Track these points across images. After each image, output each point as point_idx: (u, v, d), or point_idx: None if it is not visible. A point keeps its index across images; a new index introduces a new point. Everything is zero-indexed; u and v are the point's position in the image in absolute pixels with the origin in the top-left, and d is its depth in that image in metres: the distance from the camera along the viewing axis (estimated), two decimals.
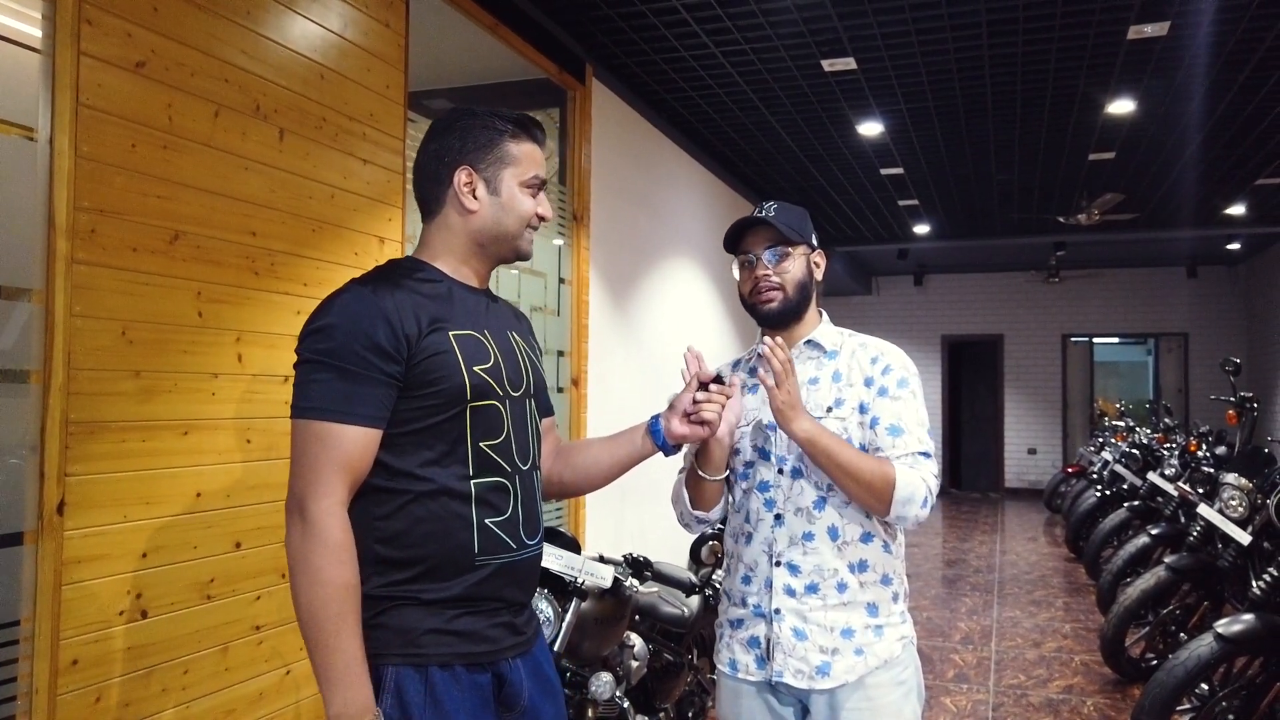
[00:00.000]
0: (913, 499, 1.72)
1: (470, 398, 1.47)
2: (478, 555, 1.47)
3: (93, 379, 1.97)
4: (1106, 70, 4.87)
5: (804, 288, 1.88)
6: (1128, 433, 8.61)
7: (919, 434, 1.80)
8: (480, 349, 1.52)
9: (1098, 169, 6.99)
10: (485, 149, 1.56)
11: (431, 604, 1.44)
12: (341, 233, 2.72)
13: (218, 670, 2.29)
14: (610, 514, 4.70)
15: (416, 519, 1.44)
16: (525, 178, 1.57)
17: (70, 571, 1.92)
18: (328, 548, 1.35)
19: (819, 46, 4.55)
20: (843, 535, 1.79)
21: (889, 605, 1.82)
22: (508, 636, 1.52)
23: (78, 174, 1.93)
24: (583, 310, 4.46)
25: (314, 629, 1.34)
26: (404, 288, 1.48)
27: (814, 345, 1.91)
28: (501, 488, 1.51)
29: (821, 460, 1.72)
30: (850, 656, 1.77)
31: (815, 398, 1.85)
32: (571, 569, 2.18)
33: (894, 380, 1.84)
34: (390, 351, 1.41)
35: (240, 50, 2.36)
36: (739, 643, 1.87)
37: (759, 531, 1.83)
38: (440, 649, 1.44)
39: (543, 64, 4.12)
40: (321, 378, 1.40)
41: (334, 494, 1.37)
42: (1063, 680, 4.64)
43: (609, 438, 1.78)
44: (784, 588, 1.79)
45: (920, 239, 10.02)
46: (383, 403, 1.41)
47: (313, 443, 1.38)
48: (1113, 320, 12.47)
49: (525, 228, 1.60)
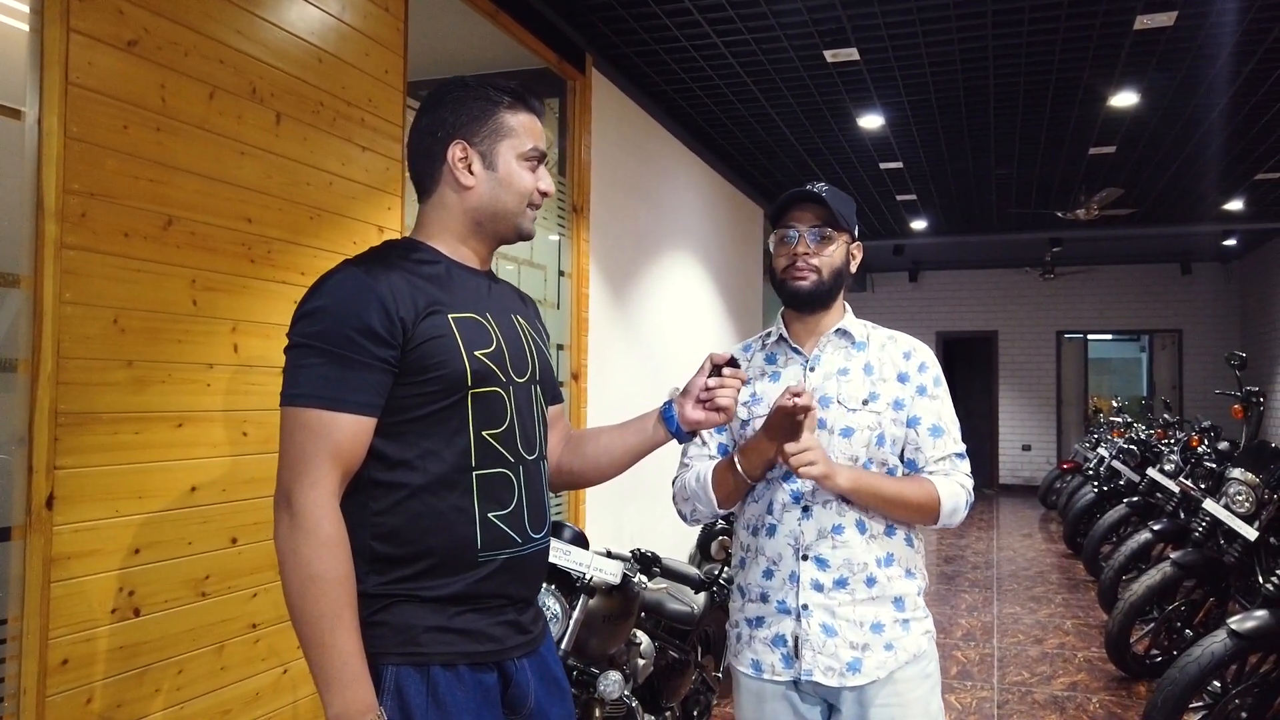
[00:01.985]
0: (957, 509, 1.75)
1: (471, 384, 1.40)
2: (480, 551, 1.40)
3: (83, 369, 1.90)
4: (1111, 62, 4.83)
5: (839, 275, 1.82)
6: (1125, 429, 8.59)
7: (955, 434, 1.80)
8: (482, 332, 1.44)
9: (1098, 163, 6.96)
10: (480, 121, 1.48)
11: (432, 601, 1.37)
12: (340, 221, 2.64)
13: (213, 669, 2.22)
14: (611, 509, 4.64)
15: (415, 513, 1.37)
16: (523, 150, 1.49)
17: (60, 568, 1.85)
18: (318, 540, 1.28)
19: (822, 36, 4.49)
20: (870, 528, 1.75)
21: (914, 599, 1.79)
22: (513, 635, 1.45)
23: (67, 155, 1.86)
24: (583, 303, 4.40)
25: (307, 627, 1.27)
26: (400, 269, 1.41)
27: (844, 334, 1.86)
28: (505, 479, 1.44)
29: (869, 501, 1.72)
30: (881, 652, 1.73)
31: (847, 389, 1.79)
32: (580, 565, 2.12)
33: (931, 378, 1.82)
34: (384, 335, 1.33)
35: (236, 31, 2.29)
36: (761, 642, 1.80)
37: (784, 524, 1.77)
38: (442, 648, 1.36)
39: (543, 53, 4.05)
40: (311, 363, 1.32)
41: (323, 485, 1.30)
42: (1067, 677, 4.60)
43: (619, 425, 1.71)
44: (811, 582, 1.74)
45: (917, 234, 9.99)
46: (376, 389, 1.34)
47: (301, 431, 1.31)
48: (1107, 317, 12.47)
49: (525, 204, 1.51)
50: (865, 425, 1.76)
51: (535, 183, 1.51)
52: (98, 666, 1.93)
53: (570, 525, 2.22)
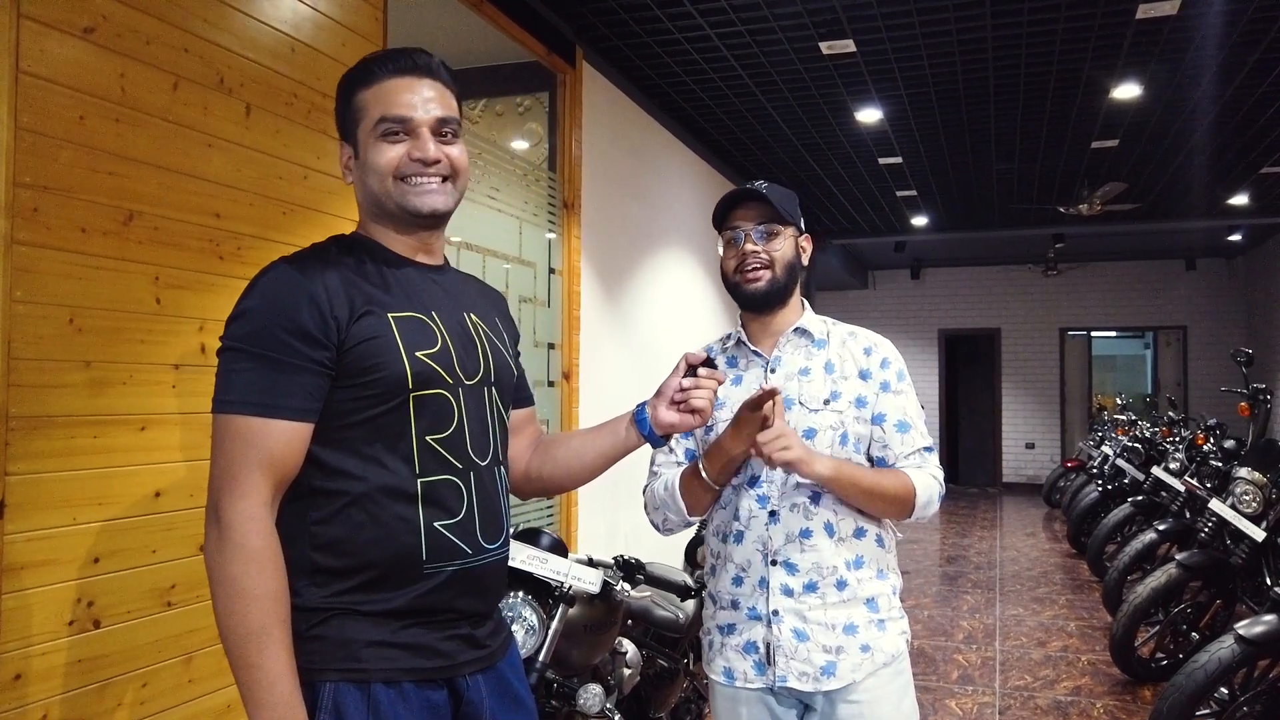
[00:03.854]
0: (930, 501, 1.73)
1: (413, 386, 1.31)
2: (426, 562, 1.31)
3: (36, 370, 1.81)
4: (1113, 52, 4.73)
5: (792, 270, 1.79)
6: (1129, 426, 8.49)
7: (921, 428, 1.78)
8: (424, 332, 1.36)
9: (1100, 157, 6.86)
10: (344, 113, 1.42)
11: (375, 616, 1.28)
12: (314, 216, 2.56)
13: (180, 682, 2.14)
14: (603, 513, 4.55)
15: (357, 523, 1.28)
16: (370, 127, 1.36)
17: (10, 579, 1.76)
18: (245, 554, 1.20)
19: (817, 28, 4.40)
20: (839, 530, 1.73)
21: (889, 599, 1.77)
22: (465, 650, 1.36)
23: (17, 147, 1.77)
24: (574, 301, 4.31)
25: (235, 645, 1.19)
26: (338, 265, 1.33)
27: (803, 333, 1.82)
28: (452, 486, 1.35)
29: (848, 491, 1.68)
30: (855, 654, 1.71)
31: (809, 389, 1.76)
32: (557, 573, 2.03)
33: (894, 374, 1.79)
34: (317, 336, 1.25)
35: (202, 19, 2.20)
36: (733, 649, 1.77)
37: (751, 529, 1.74)
38: (385, 663, 1.28)
39: (530, 45, 3.96)
40: (241, 367, 1.25)
41: (253, 495, 1.22)
42: (1070, 681, 4.51)
43: (591, 429, 1.62)
44: (781, 587, 1.71)
45: (918, 231, 9.89)
46: (311, 393, 1.26)
47: (231, 440, 1.23)
48: (1111, 313, 12.36)
49: (392, 180, 1.36)
50: (828, 425, 1.73)
51: (392, 155, 1.36)
52: (54, 681, 1.85)
53: (548, 532, 2.13)
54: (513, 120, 4.46)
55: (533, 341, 4.00)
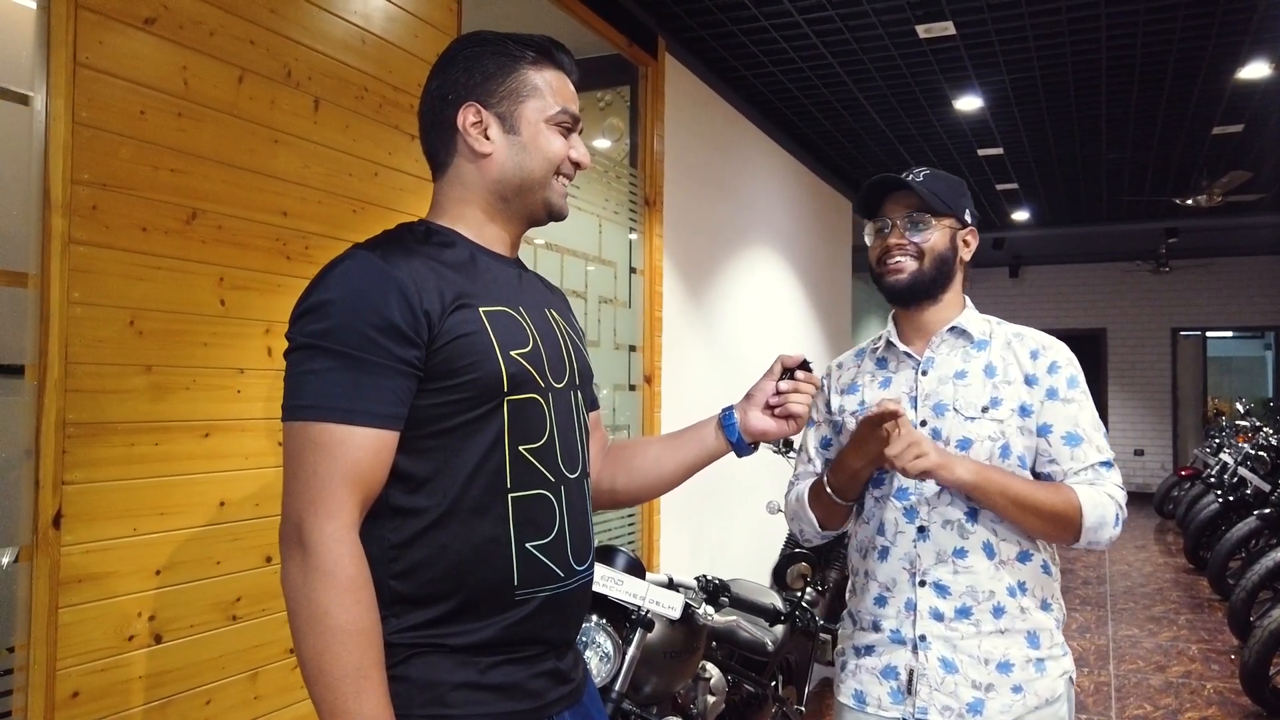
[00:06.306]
0: (1104, 523, 1.51)
1: (508, 389, 1.17)
2: (518, 589, 1.17)
3: (95, 375, 1.75)
4: (1240, 28, 4.35)
5: (944, 263, 1.62)
6: (1252, 433, 7.93)
7: (1098, 441, 1.57)
8: (516, 329, 1.22)
9: (1221, 144, 6.39)
10: (496, 79, 1.26)
11: (461, 651, 1.14)
12: (386, 214, 2.46)
13: (245, 699, 2.06)
14: (688, 524, 4.38)
15: (441, 545, 1.14)
16: (551, 114, 1.27)
17: (68, 592, 1.70)
18: (338, 583, 1.05)
19: (913, 10, 4.15)
20: (1000, 552, 1.54)
21: (1051, 635, 1.57)
22: (554, 688, 1.22)
23: (75, 143, 1.70)
24: (656, 302, 4.16)
25: (327, 689, 1.04)
26: (420, 255, 1.19)
27: (959, 333, 1.65)
28: (545, 502, 1.21)
29: (997, 502, 1.49)
30: (1007, 694, 1.52)
31: (965, 395, 1.58)
32: (634, 596, 1.87)
33: (1064, 379, 1.60)
34: (407, 332, 1.11)
35: (268, 10, 2.12)
36: (869, 672, 1.61)
37: (897, 546, 1.58)
38: (475, 708, 1.14)
39: (611, 36, 3.82)
40: (320, 367, 1.10)
41: (341, 515, 1.07)
42: (1195, 711, 4.14)
43: (671, 436, 1.47)
44: (930, 611, 1.54)
45: (1018, 226, 9.45)
46: (399, 397, 1.11)
47: (312, 451, 1.09)
48: (1228, 313, 11.64)
49: (554, 174, 1.28)
50: (986, 435, 1.55)
51: (566, 149, 1.28)
52: (114, 698, 1.78)
53: (624, 551, 1.98)
54: (593, 116, 4.33)
55: (613, 343, 3.86)
